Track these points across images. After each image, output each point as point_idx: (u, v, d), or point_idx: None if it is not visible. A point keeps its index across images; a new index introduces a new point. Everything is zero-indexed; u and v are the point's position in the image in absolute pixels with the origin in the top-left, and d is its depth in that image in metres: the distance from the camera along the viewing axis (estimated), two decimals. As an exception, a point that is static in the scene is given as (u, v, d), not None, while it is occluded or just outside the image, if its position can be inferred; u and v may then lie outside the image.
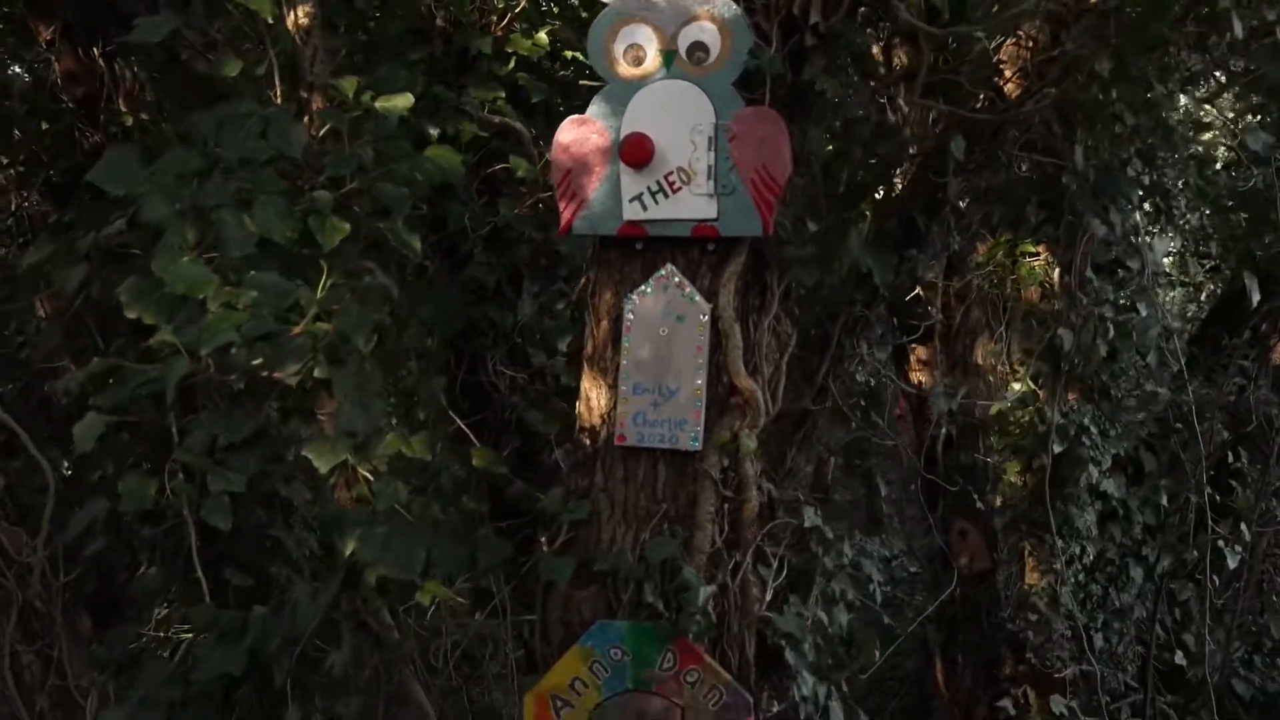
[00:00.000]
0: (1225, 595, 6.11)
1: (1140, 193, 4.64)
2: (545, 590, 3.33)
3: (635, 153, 3.14)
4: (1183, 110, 4.69)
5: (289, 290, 2.70)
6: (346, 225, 2.88)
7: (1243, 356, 5.98)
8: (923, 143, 4.23)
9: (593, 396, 3.35)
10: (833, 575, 3.44)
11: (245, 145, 2.90)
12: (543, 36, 4.42)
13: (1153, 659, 5.67)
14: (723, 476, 3.20)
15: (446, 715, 4.41)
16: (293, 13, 3.39)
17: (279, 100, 3.32)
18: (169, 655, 3.42)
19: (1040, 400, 5.25)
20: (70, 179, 4.39)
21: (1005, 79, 4.14)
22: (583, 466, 3.35)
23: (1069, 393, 5.21)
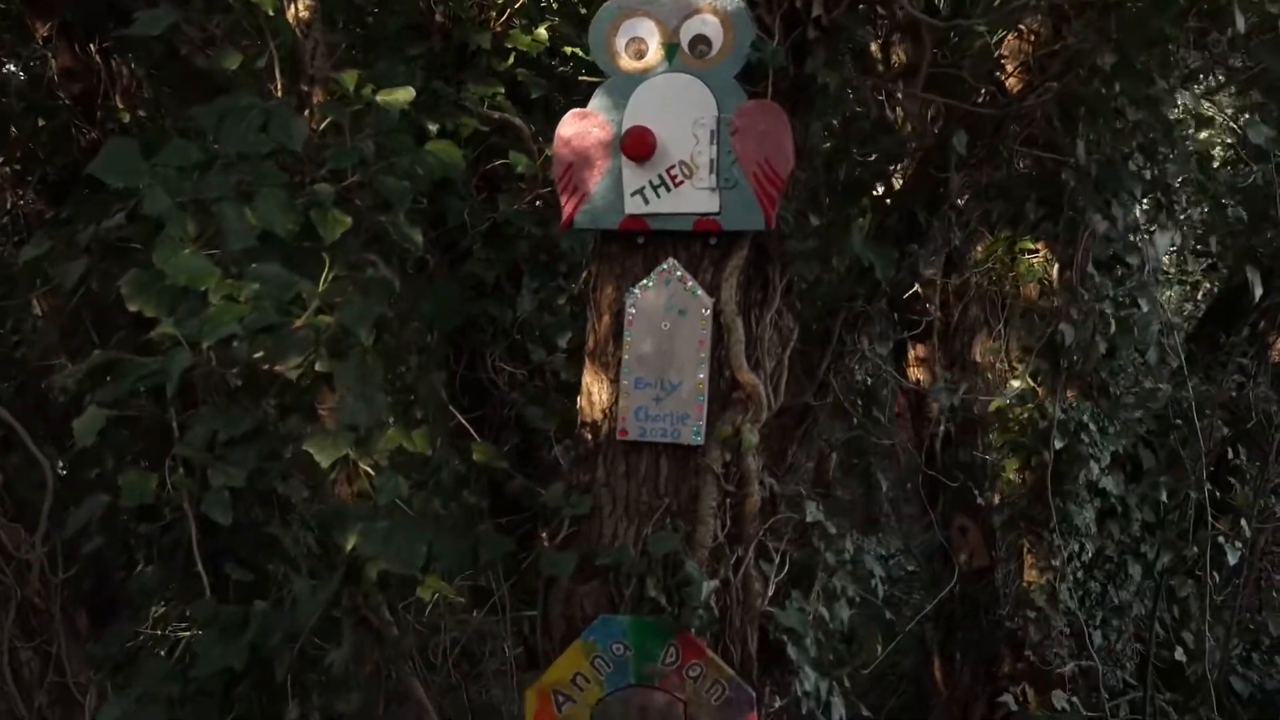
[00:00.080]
0: (1225, 592, 6.11)
1: (1141, 188, 4.63)
2: (547, 585, 3.32)
3: (637, 146, 3.13)
4: (1183, 105, 4.68)
5: (291, 282, 2.68)
6: (348, 218, 2.86)
7: (1241, 354, 5.98)
8: (922, 139, 4.22)
9: (594, 391, 3.34)
10: (834, 571, 3.44)
11: (246, 138, 2.87)
12: (542, 32, 4.41)
13: (1152, 656, 5.67)
14: (725, 471, 3.19)
15: (446, 713, 4.39)
16: (293, 6, 3.38)
17: (279, 94, 3.30)
18: (167, 653, 3.40)
19: (1040, 397, 5.24)
20: (66, 176, 4.38)
21: (1007, 73, 4.14)
22: (584, 461, 3.34)
23: (1068, 390, 5.21)
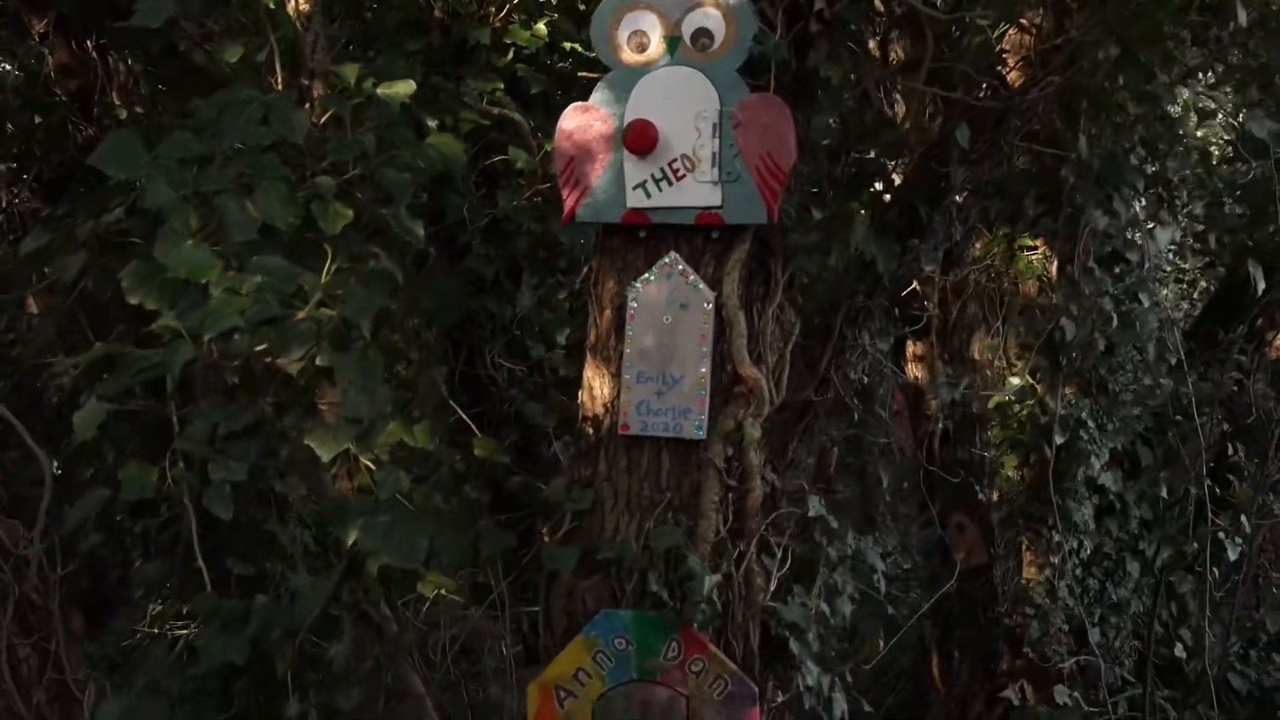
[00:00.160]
0: (1224, 589, 6.12)
1: (1142, 182, 4.63)
2: (548, 580, 3.30)
3: (639, 140, 3.12)
4: (1184, 101, 4.68)
5: (293, 275, 2.67)
6: (349, 211, 2.85)
7: (1240, 350, 5.99)
8: (923, 134, 4.22)
9: (596, 385, 3.32)
10: (836, 566, 3.43)
11: (247, 131, 2.86)
12: (541, 28, 4.41)
13: (1151, 653, 5.67)
14: (727, 465, 3.19)
15: (445, 709, 4.37)
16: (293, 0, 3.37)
17: (280, 87, 3.29)
18: (165, 651, 3.39)
19: (1039, 394, 5.24)
20: (63, 174, 4.37)
21: (1009, 67, 4.14)
22: (586, 456, 3.33)
23: (1067, 386, 5.21)
